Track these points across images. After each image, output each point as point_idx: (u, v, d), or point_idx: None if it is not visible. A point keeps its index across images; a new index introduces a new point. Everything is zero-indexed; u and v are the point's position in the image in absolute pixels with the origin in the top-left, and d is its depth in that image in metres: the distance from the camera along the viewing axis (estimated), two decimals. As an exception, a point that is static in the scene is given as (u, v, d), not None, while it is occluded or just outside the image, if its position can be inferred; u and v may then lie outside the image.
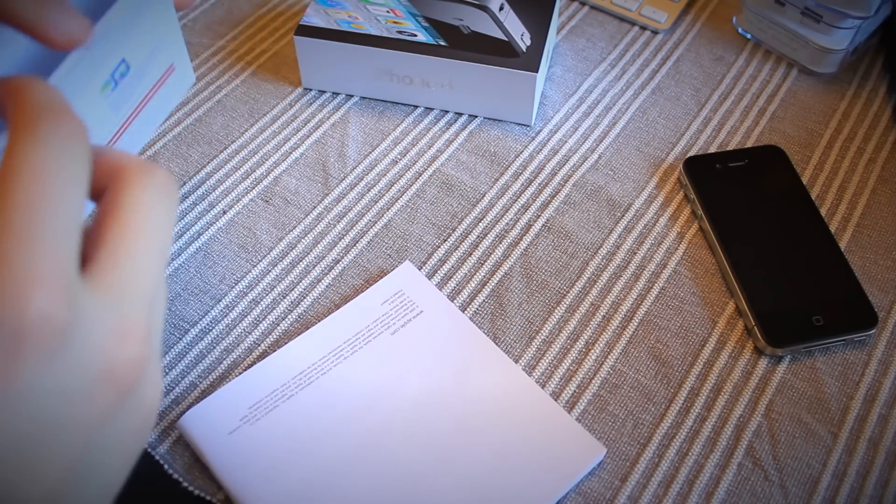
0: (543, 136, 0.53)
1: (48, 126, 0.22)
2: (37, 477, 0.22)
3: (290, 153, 0.52)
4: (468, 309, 0.45)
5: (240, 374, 0.42)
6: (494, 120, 0.54)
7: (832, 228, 0.48)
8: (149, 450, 0.39)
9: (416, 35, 0.52)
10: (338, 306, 0.45)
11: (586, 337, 0.44)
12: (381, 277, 0.45)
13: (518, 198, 0.50)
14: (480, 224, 0.49)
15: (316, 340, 0.42)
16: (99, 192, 0.25)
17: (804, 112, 0.54)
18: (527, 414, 0.40)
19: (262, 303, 0.45)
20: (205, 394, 0.41)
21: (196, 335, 0.44)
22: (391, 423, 0.39)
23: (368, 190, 0.50)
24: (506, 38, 0.52)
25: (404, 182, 0.51)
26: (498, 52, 0.51)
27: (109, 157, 0.25)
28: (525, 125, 0.54)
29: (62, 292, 0.21)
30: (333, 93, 0.55)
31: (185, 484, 0.38)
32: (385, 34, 0.52)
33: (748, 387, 0.42)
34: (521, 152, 0.52)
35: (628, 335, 0.44)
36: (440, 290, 0.45)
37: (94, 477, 0.24)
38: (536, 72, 0.50)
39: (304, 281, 0.46)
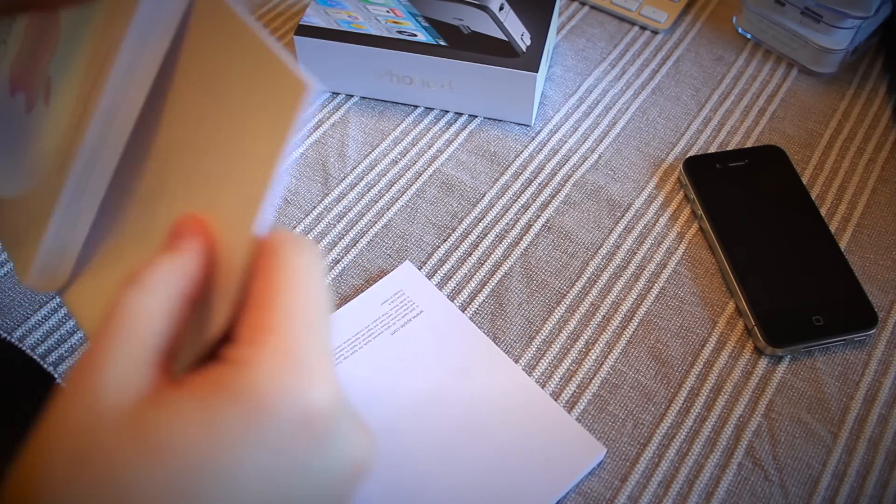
0: (543, 136, 0.53)
1: (308, 247, 0.26)
2: None
3: (290, 153, 0.52)
4: (468, 309, 0.45)
5: (240, 374, 0.42)
6: (494, 120, 0.54)
7: (832, 228, 0.48)
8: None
9: (416, 35, 0.52)
10: (338, 306, 0.45)
11: (586, 337, 0.44)
12: (381, 277, 0.45)
13: (518, 198, 0.50)
14: (480, 224, 0.49)
15: (316, 340, 0.42)
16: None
17: (804, 112, 0.54)
18: (527, 414, 0.40)
19: (262, 303, 0.45)
20: (205, 394, 0.41)
21: (196, 335, 0.44)
22: (391, 424, 0.39)
23: (368, 190, 0.50)
24: (506, 38, 0.52)
25: (404, 182, 0.51)
26: (498, 52, 0.51)
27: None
28: (525, 125, 0.53)
29: (337, 389, 0.24)
30: (333, 93, 0.55)
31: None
32: (385, 34, 0.52)
33: (748, 387, 0.42)
34: (521, 152, 0.52)
35: (628, 335, 0.44)
36: (440, 290, 0.45)
37: None
38: (536, 72, 0.50)
39: (304, 281, 0.46)
